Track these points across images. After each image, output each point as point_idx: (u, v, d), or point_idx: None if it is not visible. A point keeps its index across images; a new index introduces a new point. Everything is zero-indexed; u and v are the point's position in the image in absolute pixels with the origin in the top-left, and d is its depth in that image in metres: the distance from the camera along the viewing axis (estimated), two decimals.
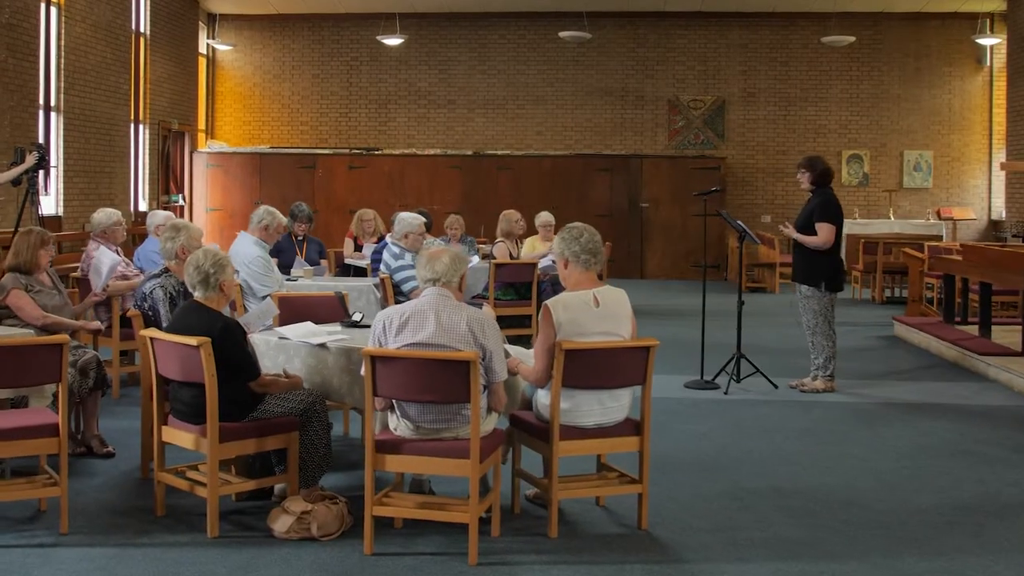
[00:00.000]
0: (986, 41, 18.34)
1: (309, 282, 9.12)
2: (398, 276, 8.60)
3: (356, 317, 6.06)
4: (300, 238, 10.22)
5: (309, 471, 5.27)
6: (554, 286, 10.83)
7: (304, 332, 5.64)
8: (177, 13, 18.36)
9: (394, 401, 4.80)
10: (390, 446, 4.75)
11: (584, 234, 5.15)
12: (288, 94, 20.46)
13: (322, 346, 5.43)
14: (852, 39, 18.05)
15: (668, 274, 19.07)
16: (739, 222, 9.16)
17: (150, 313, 5.94)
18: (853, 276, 16.56)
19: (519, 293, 10.62)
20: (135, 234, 14.84)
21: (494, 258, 10.90)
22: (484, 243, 13.23)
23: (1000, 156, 19.71)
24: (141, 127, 17.02)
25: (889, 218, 19.38)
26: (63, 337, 4.96)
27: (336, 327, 5.91)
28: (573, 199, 18.96)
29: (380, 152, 19.66)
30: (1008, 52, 19.18)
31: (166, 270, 6.11)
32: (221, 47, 19.19)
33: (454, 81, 20.37)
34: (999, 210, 19.75)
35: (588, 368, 4.93)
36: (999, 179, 19.79)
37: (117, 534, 4.98)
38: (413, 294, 8.58)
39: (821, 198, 8.70)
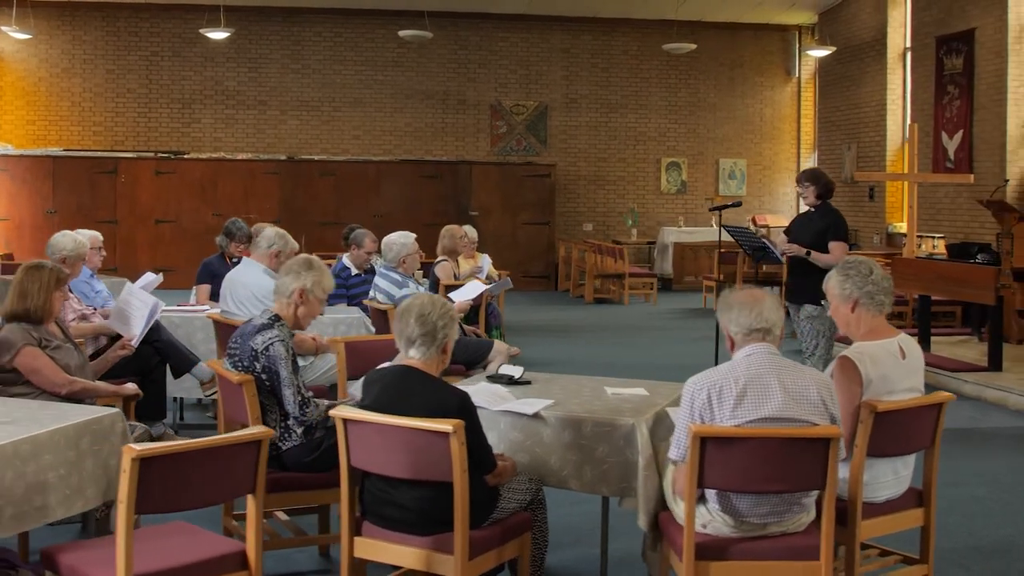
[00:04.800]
0: (815, 52, 18.77)
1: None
2: None
3: (513, 372, 5.00)
4: (236, 260, 8.76)
5: None
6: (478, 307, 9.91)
7: (489, 397, 4.57)
8: None
9: (712, 491, 3.86)
10: (714, 550, 3.81)
11: (874, 270, 4.39)
12: (79, 91, 18.21)
13: (536, 416, 4.39)
14: (694, 46, 18.03)
15: None
16: (763, 239, 8.50)
17: (263, 376, 4.65)
18: (706, 286, 16.52)
19: (466, 317, 9.61)
20: None
21: (437, 278, 9.84)
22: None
23: (808, 164, 20.33)
24: None
25: (711, 226, 19.54)
26: (265, 431, 3.70)
27: (500, 388, 4.83)
28: (401, 207, 17.97)
29: (188, 156, 17.85)
30: (818, 65, 19.81)
31: (276, 317, 4.81)
32: (18, 35, 16.74)
33: (265, 80, 18.82)
34: None
35: (891, 432, 4.18)
36: None
37: None
38: None
39: (834, 217, 8.25)
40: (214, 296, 8.46)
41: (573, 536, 5.25)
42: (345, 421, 3.98)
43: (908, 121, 16.70)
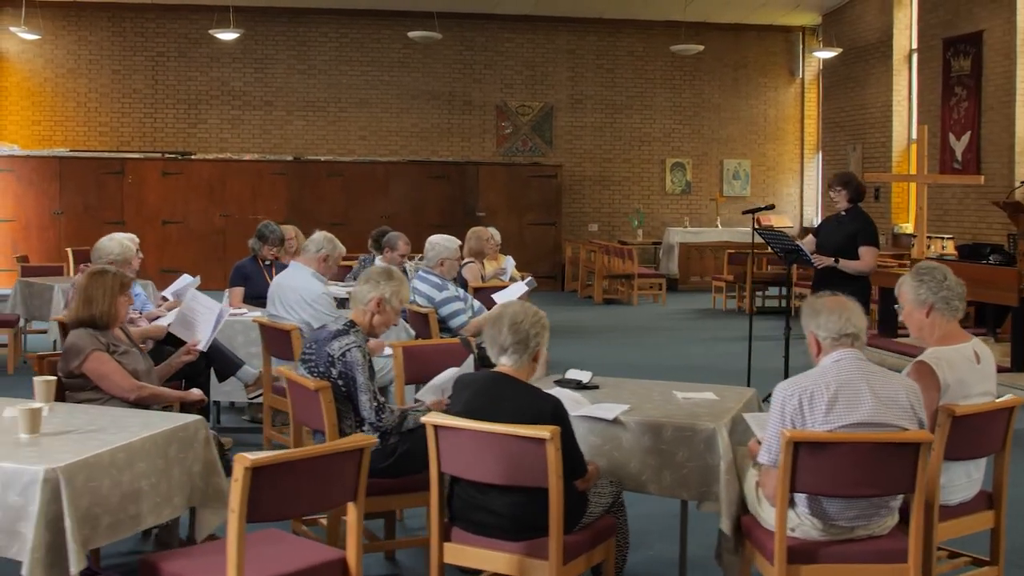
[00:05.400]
0: (821, 54, 18.84)
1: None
2: (446, 310, 7.49)
3: (581, 376, 5.03)
4: (268, 263, 8.78)
5: None
6: None
7: (565, 402, 4.58)
8: None
9: (802, 495, 3.90)
10: (804, 554, 3.85)
11: (948, 276, 4.46)
12: (85, 91, 18.15)
13: (616, 421, 4.43)
14: (701, 48, 18.10)
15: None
16: (794, 241, 8.48)
17: (340, 382, 4.67)
18: (715, 287, 16.59)
19: None
20: None
21: (465, 280, 9.86)
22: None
23: (812, 165, 20.46)
24: None
25: (716, 226, 19.63)
26: (367, 439, 3.72)
27: (572, 392, 4.86)
28: (408, 208, 18.01)
29: (195, 157, 17.83)
30: (822, 66, 19.91)
31: (352, 323, 4.84)
32: (26, 36, 16.66)
33: (271, 81, 18.79)
34: (810, 219, 20.45)
35: (967, 436, 4.24)
36: (810, 188, 20.52)
37: None
38: (465, 330, 7.55)
39: (863, 221, 8.31)
40: (247, 299, 8.49)
41: (639, 539, 5.29)
42: (436, 427, 4.01)
43: (915, 122, 16.81)
